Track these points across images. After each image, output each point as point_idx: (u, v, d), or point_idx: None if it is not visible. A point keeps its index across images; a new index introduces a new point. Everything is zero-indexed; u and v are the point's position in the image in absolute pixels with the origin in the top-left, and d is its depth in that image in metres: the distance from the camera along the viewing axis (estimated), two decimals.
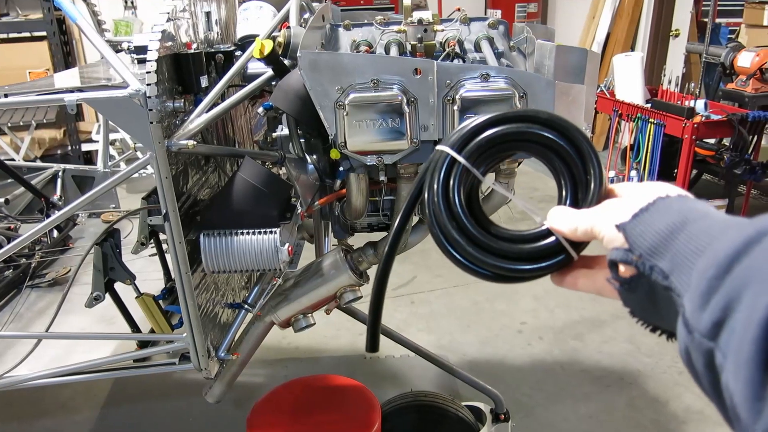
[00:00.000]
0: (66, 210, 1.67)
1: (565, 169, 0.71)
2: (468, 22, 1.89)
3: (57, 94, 1.59)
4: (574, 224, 0.67)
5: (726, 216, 0.56)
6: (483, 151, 0.71)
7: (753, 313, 0.44)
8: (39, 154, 5.60)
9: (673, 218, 0.57)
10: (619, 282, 0.62)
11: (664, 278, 0.56)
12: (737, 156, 3.89)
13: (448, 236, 0.71)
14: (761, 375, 0.43)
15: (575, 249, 0.68)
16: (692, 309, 0.50)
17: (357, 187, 1.73)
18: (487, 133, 0.71)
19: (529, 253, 0.70)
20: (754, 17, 5.12)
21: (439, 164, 0.71)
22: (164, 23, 1.57)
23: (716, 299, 0.48)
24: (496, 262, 0.70)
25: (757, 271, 0.46)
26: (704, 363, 0.50)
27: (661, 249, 0.56)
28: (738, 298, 0.47)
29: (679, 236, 0.55)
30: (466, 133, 0.71)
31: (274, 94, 1.66)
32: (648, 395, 2.99)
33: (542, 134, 0.70)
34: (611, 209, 0.65)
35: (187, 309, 1.68)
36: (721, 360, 0.47)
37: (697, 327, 0.50)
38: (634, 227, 0.59)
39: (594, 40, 6.57)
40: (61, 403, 3.06)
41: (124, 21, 5.77)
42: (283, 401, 2.13)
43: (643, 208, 0.60)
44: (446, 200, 0.71)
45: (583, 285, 0.70)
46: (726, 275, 0.48)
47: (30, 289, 2.36)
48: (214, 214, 1.69)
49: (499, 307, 3.77)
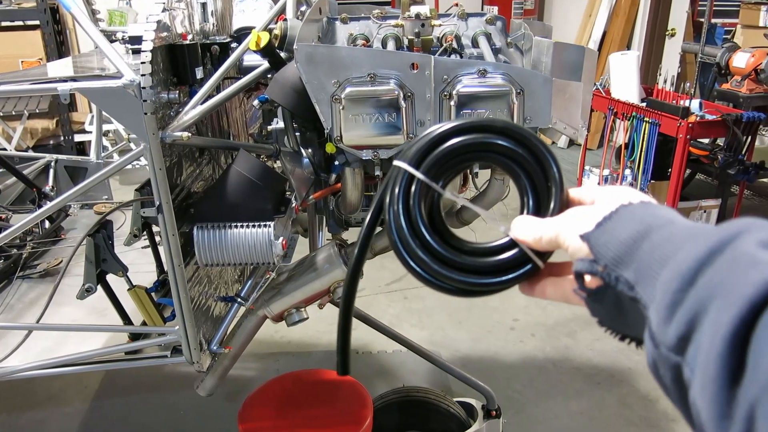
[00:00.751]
0: (58, 200, 1.66)
1: (526, 178, 0.70)
2: (466, 17, 1.88)
3: (50, 83, 1.58)
4: (538, 233, 0.65)
5: (690, 223, 0.55)
6: (441, 164, 0.70)
7: (717, 328, 0.43)
8: (31, 144, 5.56)
9: (636, 227, 0.56)
10: (585, 293, 0.61)
11: (629, 289, 0.55)
12: (731, 156, 3.90)
13: (412, 255, 0.69)
14: (727, 393, 0.42)
15: (541, 258, 0.67)
16: (658, 322, 0.49)
17: (352, 182, 1.72)
18: (444, 146, 0.69)
19: (494, 266, 0.68)
20: (750, 18, 5.13)
21: (399, 181, 0.70)
22: (159, 13, 1.56)
23: (681, 313, 0.47)
24: (462, 278, 0.68)
25: (720, 285, 0.45)
26: (672, 378, 0.49)
27: (626, 259, 0.55)
28: (703, 312, 0.46)
29: (643, 245, 0.54)
30: (422, 147, 0.70)
31: (270, 86, 1.65)
32: (638, 393, 3.00)
33: (499, 143, 0.69)
34: (575, 218, 0.63)
35: (180, 302, 1.67)
36: (689, 375, 0.46)
37: (663, 341, 0.49)
38: (598, 237, 0.58)
39: (590, 38, 6.57)
40: (51, 394, 3.04)
41: (119, 11, 5.72)
42: (274, 395, 2.13)
43: (606, 217, 0.59)
44: (408, 218, 0.69)
45: (551, 293, 0.69)
46: (690, 287, 0.47)
47: (21, 280, 2.34)
48: (208, 206, 1.68)
49: (492, 303, 3.77)
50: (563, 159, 6.39)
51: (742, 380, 0.42)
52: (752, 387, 0.41)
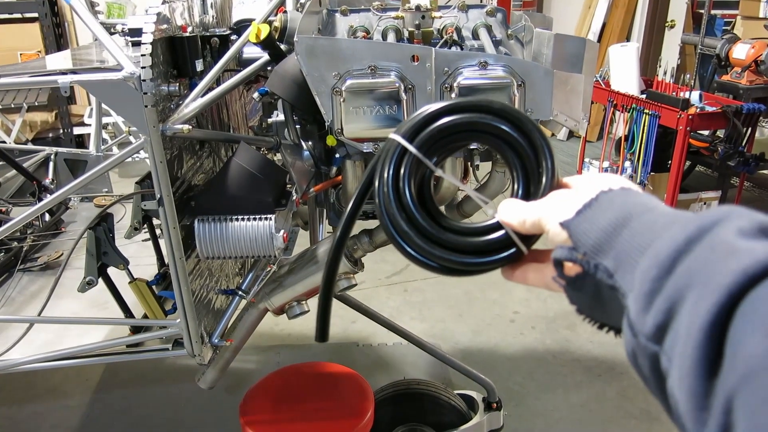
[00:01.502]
0: (59, 193, 1.66)
1: (518, 161, 0.69)
2: (466, 9, 1.87)
3: (50, 75, 1.57)
4: (522, 216, 0.65)
5: (670, 210, 0.55)
6: (435, 141, 0.69)
7: (695, 318, 0.43)
8: (30, 137, 5.55)
9: (615, 214, 0.55)
10: (564, 280, 0.60)
11: (608, 277, 0.54)
12: (731, 148, 3.89)
13: (397, 227, 0.69)
14: (704, 384, 0.42)
15: (526, 242, 0.67)
16: (636, 311, 0.49)
17: (353, 174, 1.72)
18: (439, 123, 0.69)
19: (478, 246, 0.68)
20: (750, 9, 5.12)
21: (390, 153, 0.69)
22: (159, 5, 1.55)
23: (659, 301, 0.47)
24: (445, 255, 0.68)
25: (698, 273, 0.45)
26: (650, 367, 0.48)
27: (605, 247, 0.55)
28: (680, 301, 0.45)
29: (623, 233, 0.54)
30: (418, 122, 0.69)
31: (271, 79, 1.64)
32: (638, 385, 3.01)
33: (495, 125, 0.69)
34: (558, 202, 0.63)
35: (181, 295, 1.68)
36: (667, 365, 0.46)
37: (641, 330, 0.48)
38: (577, 225, 0.58)
39: (590, 29, 6.55)
40: (51, 387, 3.05)
41: (117, 3, 5.70)
42: (276, 388, 2.13)
43: (586, 204, 0.58)
44: (396, 191, 0.69)
45: (532, 279, 0.68)
46: (668, 275, 0.47)
47: (21, 273, 2.34)
48: (209, 199, 1.68)
49: (492, 296, 3.78)
50: (563, 151, 6.38)
51: (719, 371, 0.41)
52: (730, 378, 0.40)
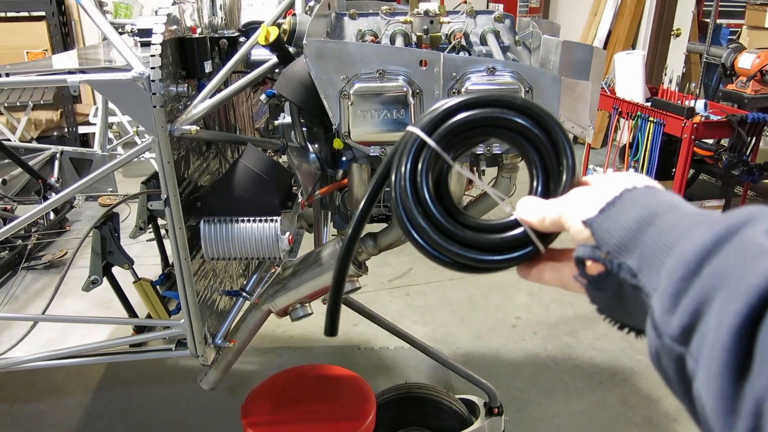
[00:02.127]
0: (65, 192, 1.66)
1: (538, 159, 0.68)
2: (474, 14, 1.88)
3: (60, 75, 1.58)
4: (542, 214, 0.64)
5: (696, 209, 0.54)
6: (455, 135, 0.68)
7: (723, 319, 0.42)
8: (35, 135, 5.56)
9: (640, 212, 0.54)
10: (586, 279, 0.59)
11: (632, 276, 0.53)
12: (735, 157, 3.89)
13: (413, 221, 0.68)
14: (733, 387, 0.41)
15: (544, 241, 0.66)
16: (661, 311, 0.48)
17: (359, 178, 1.72)
18: (459, 117, 0.68)
19: (495, 244, 0.67)
20: (756, 19, 5.12)
21: (408, 146, 0.68)
22: (170, 6, 1.56)
23: (686, 302, 0.46)
24: (461, 251, 0.67)
25: (727, 274, 0.44)
26: (675, 368, 0.48)
27: (629, 246, 0.54)
28: (708, 302, 0.44)
29: (648, 232, 0.53)
30: (437, 116, 0.68)
31: (279, 81, 1.65)
32: (640, 392, 3.01)
33: (516, 121, 0.67)
34: (579, 199, 0.62)
35: (186, 295, 1.68)
36: (693, 367, 0.45)
37: (666, 331, 0.47)
38: (601, 223, 0.57)
39: (595, 37, 6.56)
40: (53, 386, 3.05)
41: (125, 3, 5.72)
42: (277, 390, 2.13)
43: (609, 202, 0.57)
44: (413, 184, 0.68)
45: (549, 278, 0.67)
46: (695, 276, 0.46)
47: (26, 271, 2.35)
48: (215, 200, 1.69)
49: (494, 301, 3.78)
50: None
51: (749, 374, 0.41)
52: (759, 381, 0.40)
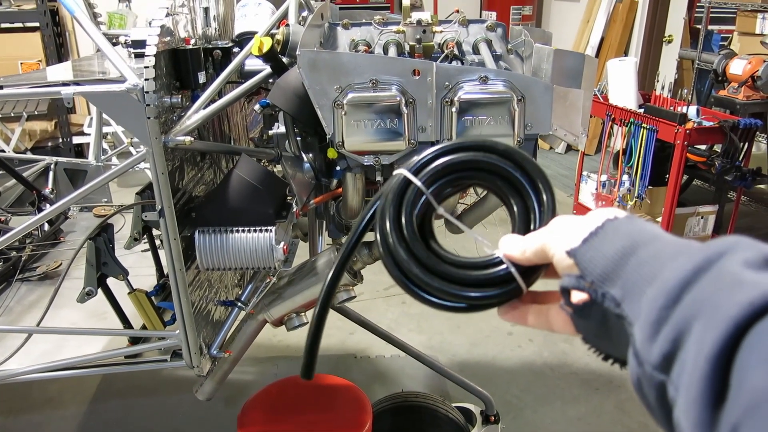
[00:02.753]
0: (60, 203, 1.66)
1: (519, 201, 0.71)
2: (466, 24, 1.89)
3: (53, 87, 1.58)
4: (522, 246, 0.65)
5: (676, 239, 0.55)
6: (439, 177, 0.72)
7: (701, 348, 0.43)
8: (29, 146, 5.55)
9: (622, 242, 0.56)
10: (572, 309, 0.60)
11: (616, 306, 0.54)
12: (728, 162, 3.91)
13: (396, 256, 0.70)
14: (710, 414, 0.42)
15: (527, 279, 0.67)
16: (642, 339, 0.49)
17: (353, 187, 1.73)
18: (444, 159, 0.72)
19: (477, 280, 0.68)
20: (747, 25, 5.16)
21: (394, 186, 0.72)
22: (163, 18, 1.57)
23: (666, 330, 0.47)
24: (442, 286, 0.69)
25: (705, 303, 0.45)
26: (656, 396, 0.49)
27: (612, 275, 0.55)
28: (687, 331, 0.45)
29: (630, 261, 0.54)
30: (424, 158, 0.72)
31: (272, 91, 1.65)
32: (636, 399, 2.95)
33: (499, 165, 0.71)
34: (561, 229, 0.63)
35: (181, 306, 1.68)
36: (674, 394, 0.46)
37: (647, 358, 0.48)
38: (584, 253, 0.58)
39: (588, 44, 6.59)
40: (48, 397, 3.04)
41: (119, 14, 5.72)
42: (274, 400, 2.13)
43: (592, 233, 0.58)
44: (397, 222, 0.71)
45: (533, 321, 0.68)
46: (675, 305, 0.47)
47: (20, 283, 2.34)
48: (210, 210, 1.69)
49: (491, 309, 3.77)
50: (561, 164, 6.40)
51: (725, 402, 0.42)
52: (734, 410, 0.41)
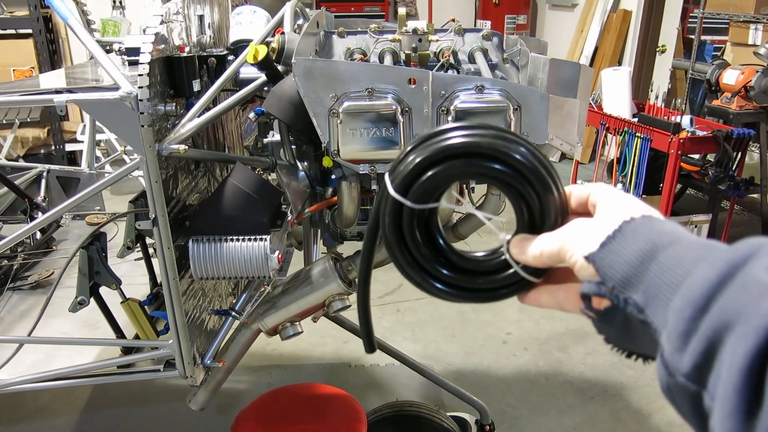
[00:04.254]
0: (53, 212, 1.65)
1: (521, 200, 0.67)
2: (462, 32, 1.89)
3: (46, 94, 1.57)
4: (537, 249, 0.64)
5: (696, 240, 0.54)
6: (428, 188, 0.67)
7: (734, 359, 0.43)
8: (22, 153, 5.52)
9: (641, 245, 0.55)
10: (594, 314, 0.60)
11: (639, 311, 0.54)
12: (722, 172, 3.93)
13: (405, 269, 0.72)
14: (744, 426, 0.42)
15: (537, 272, 0.67)
16: (671, 350, 0.49)
17: (349, 196, 1.72)
18: (429, 174, 0.66)
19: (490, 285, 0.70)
20: (740, 36, 5.19)
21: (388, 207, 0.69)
22: (157, 25, 1.56)
23: (695, 341, 0.47)
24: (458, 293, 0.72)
25: (734, 313, 0.45)
26: (690, 406, 0.49)
27: (633, 281, 0.55)
28: (719, 342, 0.45)
29: (651, 266, 0.54)
30: (406, 176, 0.66)
31: (267, 99, 1.65)
32: (631, 407, 3.00)
33: (489, 167, 0.65)
34: (578, 232, 0.62)
35: (174, 315, 1.66)
36: (710, 403, 0.46)
37: (678, 369, 0.48)
38: (603, 258, 0.57)
39: (582, 53, 6.62)
40: (40, 407, 3.00)
41: (112, 21, 5.72)
42: (268, 409, 2.11)
43: (609, 236, 0.58)
44: (400, 236, 0.70)
45: (545, 301, 0.68)
46: (703, 314, 0.47)
47: (12, 292, 2.32)
48: (204, 219, 1.68)
49: (485, 317, 3.77)
50: None
51: (759, 413, 0.42)
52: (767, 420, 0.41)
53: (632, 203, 0.62)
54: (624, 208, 0.61)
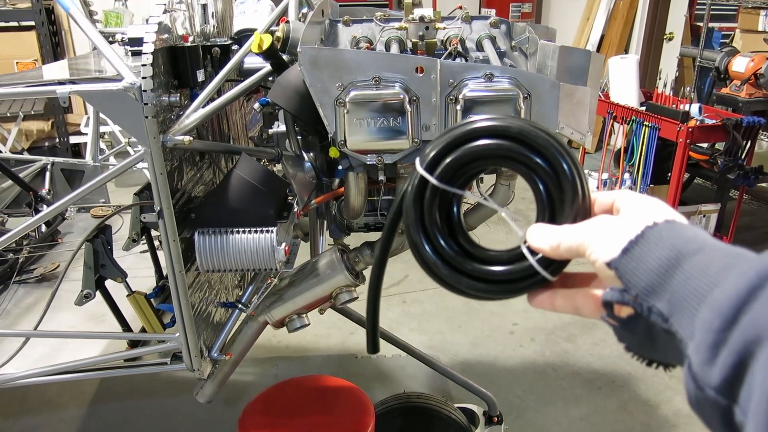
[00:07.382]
0: (58, 204, 1.63)
1: (543, 187, 0.67)
2: (470, 20, 1.86)
3: (49, 85, 1.55)
4: (555, 240, 0.62)
5: (723, 247, 0.53)
6: (456, 169, 0.69)
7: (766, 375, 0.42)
8: (26, 146, 5.52)
9: (665, 252, 0.54)
10: (616, 321, 0.58)
11: (663, 321, 0.53)
12: (730, 161, 3.89)
13: (424, 257, 0.72)
14: None
15: (555, 269, 0.65)
16: (699, 362, 0.48)
17: (356, 187, 1.70)
18: (457, 153, 0.68)
19: (505, 275, 0.68)
20: (749, 22, 5.14)
21: (413, 182, 0.70)
22: (161, 15, 1.53)
23: (725, 354, 0.46)
24: (471, 283, 0.70)
25: (766, 326, 0.44)
26: (720, 419, 0.47)
27: (658, 289, 0.53)
28: (751, 354, 0.44)
29: (675, 275, 0.52)
30: (437, 153, 0.69)
31: (273, 90, 1.62)
32: (639, 398, 2.99)
33: (515, 150, 0.67)
34: (601, 231, 0.60)
35: (180, 308, 1.65)
36: (742, 418, 0.45)
37: (707, 382, 0.47)
38: (626, 264, 0.56)
39: (588, 41, 6.57)
40: (47, 400, 3.01)
41: (115, 12, 5.69)
42: (275, 402, 2.10)
43: (632, 241, 0.56)
44: (421, 221, 0.70)
45: (561, 305, 0.66)
46: (733, 326, 0.46)
47: (17, 285, 2.31)
48: (210, 211, 1.66)
49: (491, 308, 3.75)
50: None
51: None
52: None
53: (656, 206, 0.61)
54: (647, 211, 0.60)
